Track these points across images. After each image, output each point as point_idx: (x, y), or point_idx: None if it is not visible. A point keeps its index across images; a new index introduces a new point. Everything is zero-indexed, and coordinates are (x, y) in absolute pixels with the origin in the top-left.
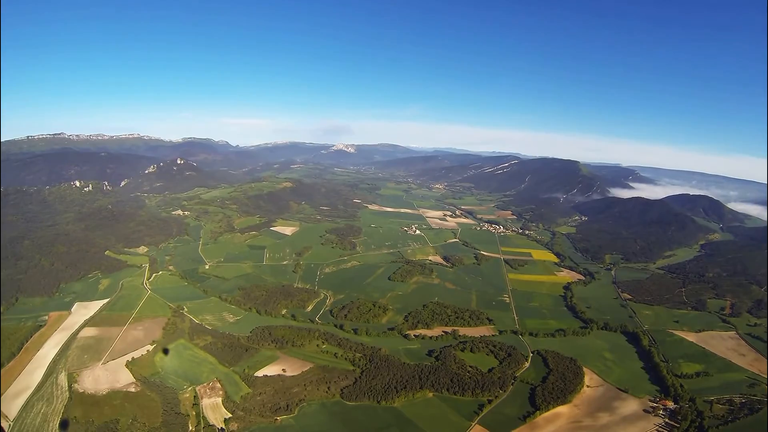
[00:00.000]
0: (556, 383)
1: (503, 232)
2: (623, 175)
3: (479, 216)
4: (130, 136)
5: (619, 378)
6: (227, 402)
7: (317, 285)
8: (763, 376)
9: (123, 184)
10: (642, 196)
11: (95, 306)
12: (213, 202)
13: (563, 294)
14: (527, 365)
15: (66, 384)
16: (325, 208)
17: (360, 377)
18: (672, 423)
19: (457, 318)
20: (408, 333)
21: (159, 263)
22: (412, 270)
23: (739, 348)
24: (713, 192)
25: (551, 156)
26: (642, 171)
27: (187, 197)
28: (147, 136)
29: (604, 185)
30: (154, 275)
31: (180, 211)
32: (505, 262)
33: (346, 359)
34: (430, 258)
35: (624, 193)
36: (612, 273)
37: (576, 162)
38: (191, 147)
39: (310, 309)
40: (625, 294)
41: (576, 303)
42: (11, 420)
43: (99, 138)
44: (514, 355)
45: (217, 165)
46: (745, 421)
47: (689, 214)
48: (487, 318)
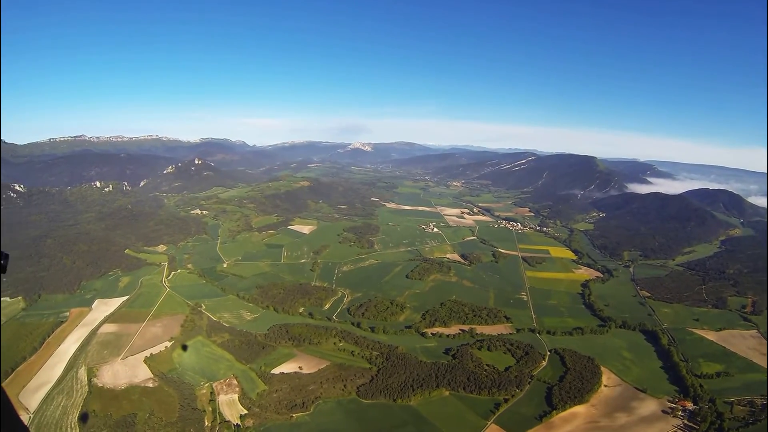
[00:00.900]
0: (573, 382)
1: (521, 229)
2: (641, 170)
3: (497, 213)
4: (148, 137)
5: (638, 378)
6: (243, 398)
7: (335, 283)
8: None
9: (142, 184)
10: (660, 191)
11: (115, 303)
12: (231, 201)
13: (581, 292)
14: (544, 364)
15: (86, 378)
16: (343, 206)
17: (376, 375)
18: (691, 424)
19: (475, 316)
20: (425, 331)
21: (177, 261)
22: (429, 268)
23: (761, 347)
24: (733, 186)
25: (568, 152)
26: (660, 165)
27: (205, 197)
28: (165, 137)
29: (621, 181)
30: (172, 273)
31: (198, 211)
32: (523, 259)
33: (362, 357)
34: (447, 256)
35: (642, 189)
36: (630, 270)
37: (593, 157)
38: (209, 147)
39: (327, 307)
40: (644, 291)
41: (594, 301)
42: (32, 412)
43: (118, 140)
44: (531, 354)
45: (235, 165)
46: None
47: (709, 209)
48: (505, 316)
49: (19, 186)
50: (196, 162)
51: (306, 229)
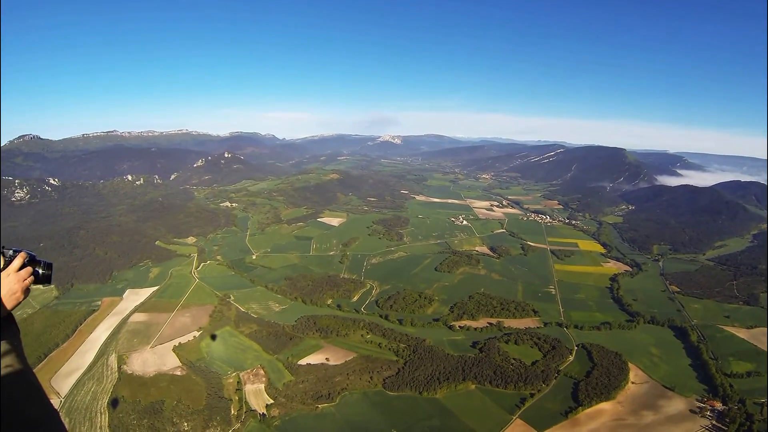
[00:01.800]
0: (600, 378)
1: (550, 222)
2: (671, 162)
3: (526, 206)
4: (179, 131)
5: (666, 375)
6: (270, 388)
7: (363, 275)
8: None
9: (172, 177)
10: (690, 183)
11: (145, 293)
12: (260, 194)
13: (609, 286)
14: (571, 359)
15: (116, 365)
16: (372, 199)
17: (403, 368)
18: (719, 425)
19: (503, 309)
20: (453, 324)
21: (207, 253)
22: (458, 261)
23: None
24: (766, 178)
25: (597, 144)
26: (690, 157)
27: (235, 189)
28: (195, 131)
29: (651, 173)
30: (202, 264)
31: (228, 203)
32: (552, 252)
33: (389, 349)
34: (476, 249)
35: (672, 181)
36: (660, 264)
37: (622, 149)
38: (238, 141)
39: (355, 299)
40: (673, 286)
41: (622, 295)
42: (63, 396)
43: (149, 134)
44: (558, 348)
45: (264, 158)
46: None
47: (740, 201)
48: (533, 309)
49: (54, 180)
50: (225, 155)
51: (335, 222)
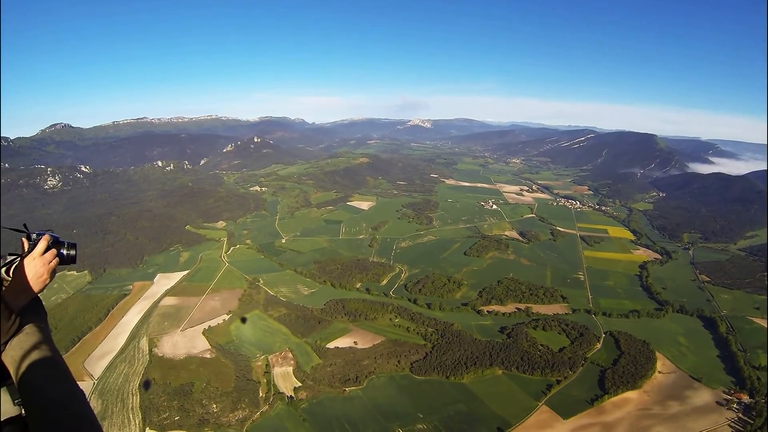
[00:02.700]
0: (627, 367)
1: (579, 207)
2: (703, 150)
3: (556, 191)
4: (208, 117)
5: (693, 366)
6: (298, 371)
7: (392, 259)
8: None
9: (202, 162)
10: (723, 171)
11: (176, 277)
12: (290, 178)
13: (639, 273)
14: (599, 346)
15: (147, 348)
16: (402, 182)
17: (431, 352)
18: (745, 418)
19: (531, 295)
20: (481, 309)
21: (237, 237)
22: (488, 245)
23: None
24: None
25: (627, 129)
26: (723, 145)
27: (264, 174)
28: (224, 116)
29: (682, 160)
30: (231, 248)
31: (257, 188)
32: (581, 238)
33: (417, 334)
34: (506, 233)
35: (703, 169)
36: (690, 253)
37: (653, 135)
38: (268, 126)
39: (384, 283)
40: (703, 276)
41: (652, 283)
42: (96, 379)
43: (179, 120)
44: (586, 335)
45: (294, 142)
46: None
47: None
48: (561, 296)
49: (86, 167)
50: (255, 140)
51: (365, 205)
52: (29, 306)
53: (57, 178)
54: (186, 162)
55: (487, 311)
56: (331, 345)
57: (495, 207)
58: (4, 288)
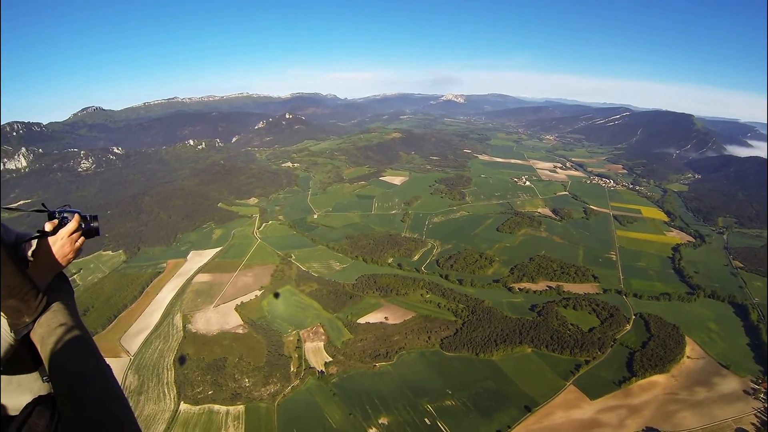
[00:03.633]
0: (656, 350)
1: (613, 186)
2: (741, 132)
3: (589, 169)
4: (239, 95)
5: (722, 352)
6: (329, 346)
7: (425, 234)
8: None
9: (234, 140)
10: (761, 155)
11: (209, 254)
12: (322, 153)
13: (671, 256)
14: (628, 328)
15: (181, 324)
16: (435, 157)
17: (461, 328)
18: None
19: (563, 273)
20: (512, 286)
21: (269, 213)
22: (520, 222)
23: None
24: None
25: (664, 108)
26: (762, 128)
27: (297, 150)
28: (255, 94)
29: (719, 142)
30: (264, 225)
31: (289, 164)
32: (614, 218)
33: (448, 310)
34: (538, 210)
35: (741, 152)
36: (724, 237)
37: (690, 116)
38: (299, 102)
39: (416, 258)
40: (737, 261)
41: (684, 266)
42: (132, 355)
43: (210, 99)
44: (616, 316)
45: (326, 118)
46: None
47: None
48: (593, 275)
49: (118, 149)
50: (286, 116)
51: (397, 180)
52: (55, 284)
53: (90, 160)
54: (218, 140)
55: (518, 288)
56: (362, 320)
57: (528, 183)
58: (29, 267)
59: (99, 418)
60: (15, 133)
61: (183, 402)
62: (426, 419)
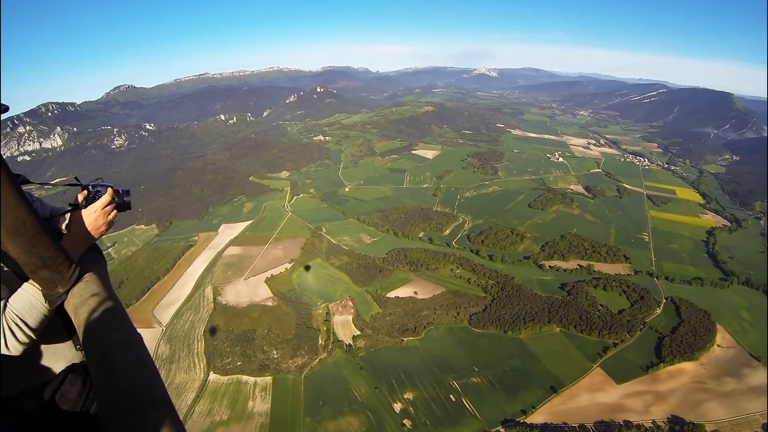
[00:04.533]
0: (685, 336)
1: (648, 165)
2: None
3: (623, 146)
4: (270, 69)
5: (754, 343)
6: (357, 320)
7: (456, 209)
8: None
9: (265, 114)
10: None
11: (240, 227)
12: (353, 127)
13: (705, 239)
14: (659, 312)
15: (211, 296)
16: (467, 132)
17: (490, 305)
18: None
19: (594, 252)
20: (543, 263)
21: (300, 187)
22: (552, 198)
23: None
24: None
25: (701, 86)
26: None
27: (328, 123)
28: (286, 68)
29: (760, 122)
30: (294, 198)
31: (321, 137)
32: (648, 198)
33: (478, 285)
34: (571, 187)
35: None
36: (761, 223)
37: (729, 94)
38: (331, 75)
39: (447, 233)
40: None
41: (718, 251)
42: (164, 326)
43: (240, 74)
44: (646, 299)
45: (357, 91)
46: None
47: None
48: (624, 256)
49: (150, 125)
50: (318, 90)
51: (429, 154)
52: (88, 255)
53: (123, 137)
54: (249, 114)
55: (549, 266)
56: (392, 294)
57: (561, 159)
58: (63, 239)
59: (129, 385)
60: (50, 114)
61: (212, 372)
62: (451, 396)
